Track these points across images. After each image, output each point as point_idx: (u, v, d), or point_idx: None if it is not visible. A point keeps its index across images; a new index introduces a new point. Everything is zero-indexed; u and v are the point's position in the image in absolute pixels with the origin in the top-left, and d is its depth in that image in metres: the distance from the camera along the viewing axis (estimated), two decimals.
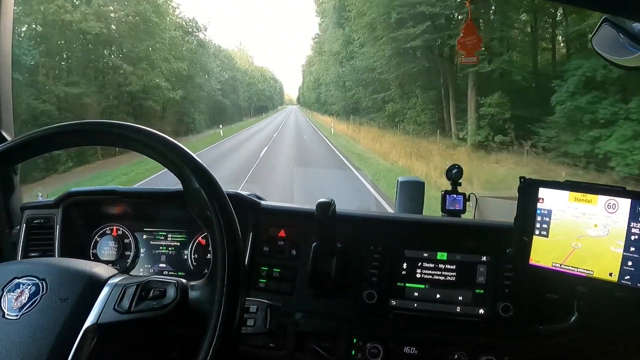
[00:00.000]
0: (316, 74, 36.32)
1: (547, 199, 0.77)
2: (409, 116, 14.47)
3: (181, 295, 0.51)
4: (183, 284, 0.53)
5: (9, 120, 1.15)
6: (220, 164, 9.62)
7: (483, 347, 0.86)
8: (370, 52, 15.97)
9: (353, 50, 19.29)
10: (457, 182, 1.15)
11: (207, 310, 0.49)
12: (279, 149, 12.99)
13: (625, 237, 0.70)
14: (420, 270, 0.91)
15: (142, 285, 0.52)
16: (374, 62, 15.65)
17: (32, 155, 0.60)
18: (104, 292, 0.52)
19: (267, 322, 0.63)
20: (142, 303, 0.51)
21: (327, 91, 28.68)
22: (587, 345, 0.85)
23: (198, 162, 0.55)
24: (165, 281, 0.53)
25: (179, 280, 0.54)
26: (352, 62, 19.27)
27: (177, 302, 0.51)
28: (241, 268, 0.51)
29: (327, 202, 0.85)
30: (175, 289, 0.52)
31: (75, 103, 11.58)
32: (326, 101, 29.88)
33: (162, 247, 1.11)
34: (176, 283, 0.53)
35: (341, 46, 21.88)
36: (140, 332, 0.51)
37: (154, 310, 0.50)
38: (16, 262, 0.60)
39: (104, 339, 0.49)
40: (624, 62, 0.65)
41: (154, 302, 0.51)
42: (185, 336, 0.53)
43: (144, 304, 0.51)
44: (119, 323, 0.49)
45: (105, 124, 0.56)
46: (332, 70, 25.72)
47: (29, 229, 1.08)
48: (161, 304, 0.50)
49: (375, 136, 14.41)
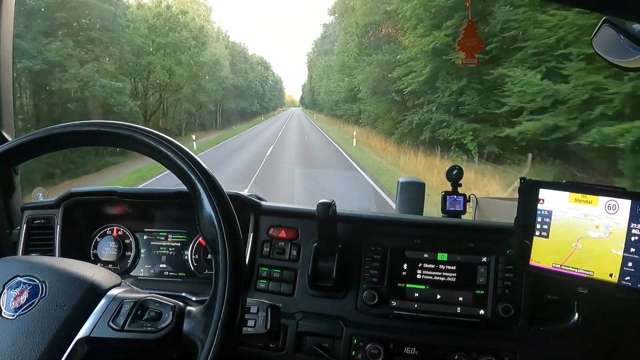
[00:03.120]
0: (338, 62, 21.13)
1: (547, 200, 0.77)
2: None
3: (176, 321, 0.51)
4: (180, 308, 0.52)
5: (9, 120, 1.15)
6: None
7: (483, 348, 0.86)
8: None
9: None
10: (457, 183, 1.15)
11: (201, 339, 0.49)
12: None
13: (626, 238, 0.70)
14: (421, 271, 0.91)
15: (139, 303, 0.52)
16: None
17: (33, 156, 0.60)
18: (100, 304, 0.51)
19: (268, 323, 0.63)
20: (136, 323, 0.50)
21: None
22: (587, 346, 0.85)
23: (199, 163, 0.54)
24: (162, 303, 0.53)
25: (177, 304, 0.53)
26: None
27: (171, 328, 0.50)
28: (242, 274, 0.50)
29: (328, 202, 0.85)
30: (172, 313, 0.51)
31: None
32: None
33: (162, 248, 1.11)
34: (173, 307, 0.52)
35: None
36: (130, 352, 0.51)
37: (146, 332, 0.50)
38: (20, 259, 0.60)
39: (94, 352, 0.48)
40: (624, 63, 0.65)
41: (148, 324, 0.50)
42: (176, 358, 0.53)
43: (138, 324, 0.50)
44: (111, 340, 0.49)
45: (107, 124, 0.56)
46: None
47: (30, 229, 1.08)
48: (155, 327, 0.50)
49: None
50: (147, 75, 14.72)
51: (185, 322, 0.52)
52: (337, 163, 10.45)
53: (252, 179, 7.57)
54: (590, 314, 0.82)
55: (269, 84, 45.20)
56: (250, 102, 32.50)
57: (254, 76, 34.60)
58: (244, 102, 29.60)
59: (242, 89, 28.93)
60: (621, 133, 5.12)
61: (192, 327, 0.51)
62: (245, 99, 30.18)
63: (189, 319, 0.52)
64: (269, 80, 44.62)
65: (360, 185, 7.44)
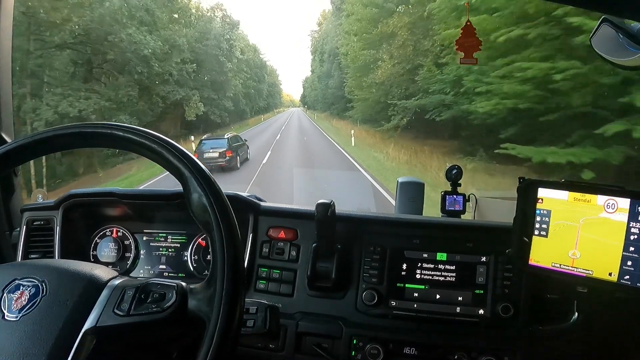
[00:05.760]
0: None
1: (546, 199, 0.77)
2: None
3: (180, 299, 0.52)
4: (182, 287, 0.53)
5: (8, 122, 1.15)
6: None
7: (483, 348, 0.86)
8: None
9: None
10: (457, 183, 1.15)
11: (206, 313, 0.49)
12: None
13: (625, 237, 0.70)
14: (420, 271, 0.91)
15: (142, 288, 0.53)
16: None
17: (32, 158, 0.60)
18: (103, 294, 0.52)
19: (267, 323, 0.63)
20: (141, 306, 0.51)
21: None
22: (587, 345, 0.85)
23: (198, 164, 0.55)
24: (164, 284, 0.53)
25: (179, 283, 0.54)
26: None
27: (176, 306, 0.51)
28: (241, 271, 0.51)
29: (327, 202, 0.85)
30: (175, 293, 0.52)
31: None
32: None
33: (162, 249, 1.11)
34: (175, 286, 0.53)
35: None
36: (139, 335, 0.51)
37: (152, 313, 0.50)
38: (17, 264, 0.60)
39: (103, 341, 0.49)
40: (623, 62, 0.65)
41: (153, 306, 0.51)
42: (184, 338, 0.54)
43: (143, 307, 0.51)
44: (118, 326, 0.49)
45: (105, 126, 0.56)
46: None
47: (29, 230, 1.08)
48: (160, 307, 0.51)
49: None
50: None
51: (190, 298, 0.52)
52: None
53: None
54: (590, 313, 0.82)
55: (266, 75, 34.09)
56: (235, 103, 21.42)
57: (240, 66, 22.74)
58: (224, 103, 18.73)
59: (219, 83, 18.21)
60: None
61: (196, 303, 0.52)
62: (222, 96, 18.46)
63: (192, 295, 0.53)
64: (262, 70, 33.02)
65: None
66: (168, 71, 13.86)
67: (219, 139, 9.71)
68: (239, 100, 23.08)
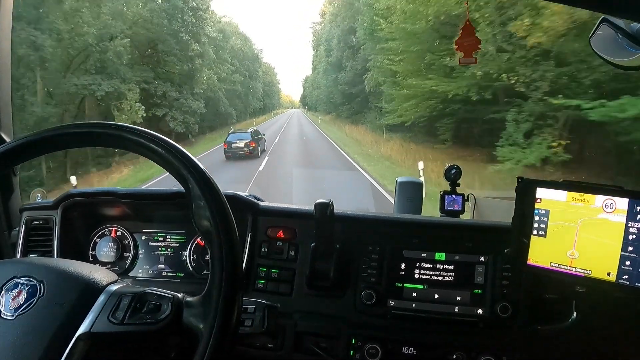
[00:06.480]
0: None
1: (544, 199, 0.77)
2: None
3: (175, 311, 0.52)
4: (178, 300, 0.53)
5: (8, 121, 1.15)
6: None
7: (481, 348, 0.86)
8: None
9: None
10: (456, 183, 1.15)
11: (200, 330, 0.50)
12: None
13: (623, 237, 0.70)
14: (419, 271, 0.91)
15: (138, 297, 0.53)
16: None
17: (31, 157, 0.60)
18: (99, 300, 0.52)
19: (265, 323, 0.63)
20: (136, 316, 0.51)
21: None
22: (585, 345, 0.85)
23: (196, 164, 0.55)
24: (160, 295, 0.53)
25: (175, 295, 0.54)
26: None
27: (170, 319, 0.51)
28: (239, 274, 0.51)
29: (326, 202, 0.85)
30: (170, 305, 0.52)
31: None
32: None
33: (161, 248, 1.11)
34: (172, 298, 0.53)
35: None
36: (132, 344, 0.52)
37: (146, 324, 0.51)
38: (17, 261, 0.61)
39: (96, 347, 0.49)
40: (623, 62, 0.65)
41: (147, 317, 0.51)
42: (177, 350, 0.54)
43: (137, 317, 0.51)
44: (112, 334, 0.50)
45: (104, 125, 0.56)
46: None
47: (28, 230, 1.08)
48: (154, 319, 0.51)
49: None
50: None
51: (185, 312, 0.52)
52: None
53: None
54: (588, 312, 0.82)
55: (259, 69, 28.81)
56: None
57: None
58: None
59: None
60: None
61: (191, 316, 0.52)
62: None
63: (187, 309, 0.53)
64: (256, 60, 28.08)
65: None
66: (78, 50, 8.75)
67: (243, 132, 12.01)
68: (218, 100, 16.72)
